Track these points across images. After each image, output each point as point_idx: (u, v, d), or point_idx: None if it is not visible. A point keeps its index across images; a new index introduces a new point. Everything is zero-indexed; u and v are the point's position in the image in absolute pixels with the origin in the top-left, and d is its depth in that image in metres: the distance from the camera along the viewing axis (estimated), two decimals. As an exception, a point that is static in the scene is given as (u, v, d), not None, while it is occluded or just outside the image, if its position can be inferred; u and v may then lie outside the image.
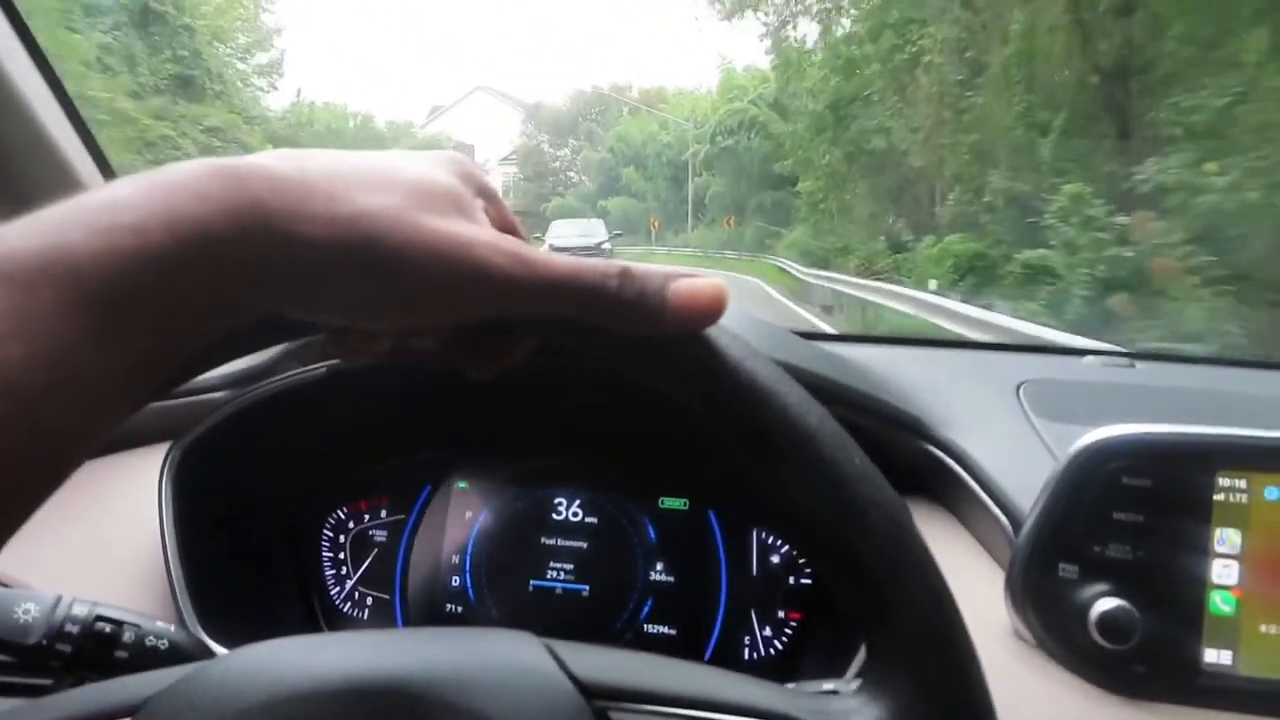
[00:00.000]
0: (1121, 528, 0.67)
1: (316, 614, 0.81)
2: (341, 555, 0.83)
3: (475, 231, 0.35)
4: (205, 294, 0.30)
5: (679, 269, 0.37)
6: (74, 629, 0.53)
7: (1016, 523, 0.72)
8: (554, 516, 0.83)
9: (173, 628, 0.56)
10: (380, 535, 0.83)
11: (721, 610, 0.80)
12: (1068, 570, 0.68)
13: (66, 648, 0.52)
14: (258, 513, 0.78)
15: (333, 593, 0.82)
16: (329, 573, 0.83)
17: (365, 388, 0.76)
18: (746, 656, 0.80)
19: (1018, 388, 0.91)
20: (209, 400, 0.75)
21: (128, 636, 0.53)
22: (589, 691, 0.34)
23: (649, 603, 0.81)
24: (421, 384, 0.78)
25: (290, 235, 0.31)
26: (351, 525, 0.84)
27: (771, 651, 0.80)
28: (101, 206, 0.29)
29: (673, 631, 0.81)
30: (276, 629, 0.75)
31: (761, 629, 0.80)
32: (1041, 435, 0.81)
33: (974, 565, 0.76)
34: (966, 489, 0.76)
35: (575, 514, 0.83)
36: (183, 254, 0.29)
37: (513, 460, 0.84)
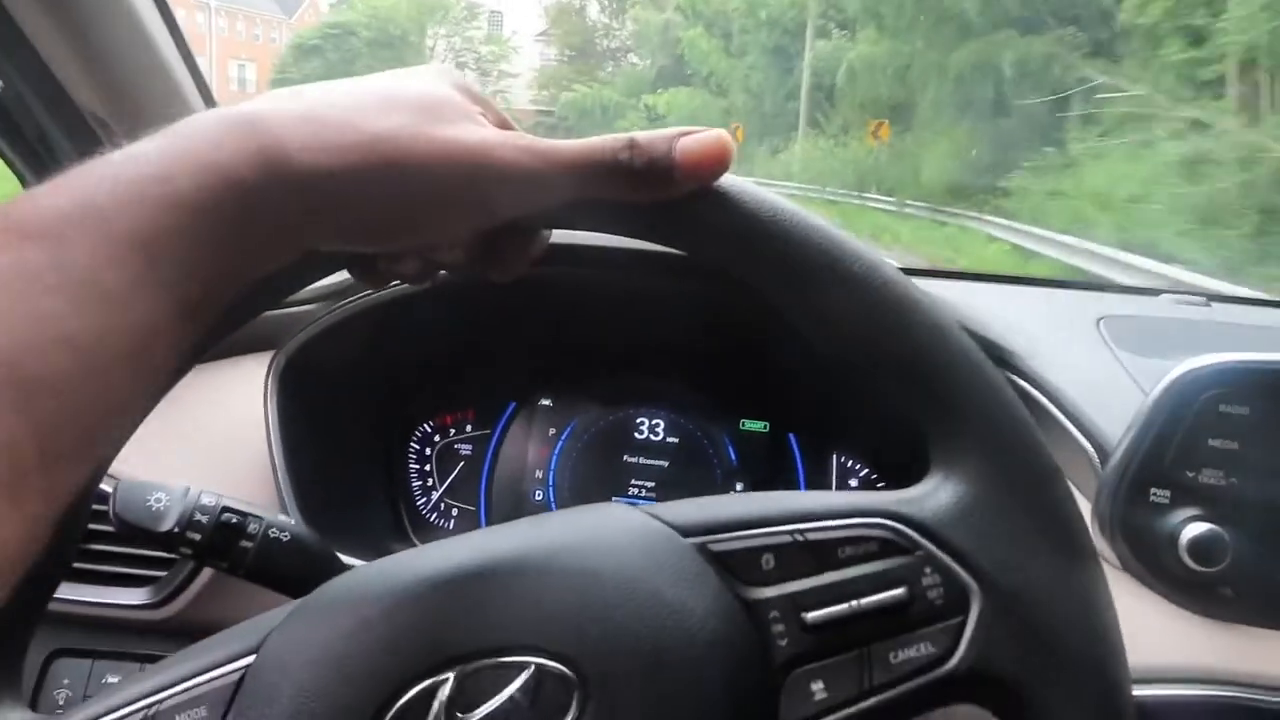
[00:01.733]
0: (1216, 454, 0.67)
1: (404, 523, 0.81)
2: (428, 467, 0.83)
3: (485, 134, 0.35)
4: (236, 236, 0.30)
5: (683, 129, 0.37)
6: (203, 518, 0.53)
7: (1102, 451, 0.72)
8: (636, 435, 0.83)
9: (294, 521, 0.56)
10: (465, 449, 0.84)
11: None
12: (1159, 495, 0.69)
13: (196, 536, 0.53)
14: (352, 422, 0.79)
15: (419, 503, 0.83)
16: (416, 483, 0.83)
17: (457, 302, 0.76)
18: None
19: (1097, 322, 0.90)
20: (310, 311, 0.74)
21: (252, 528, 0.54)
22: (686, 531, 0.36)
23: None
24: (511, 301, 0.78)
25: (312, 169, 0.31)
26: (438, 438, 0.84)
27: None
28: (125, 159, 0.29)
29: None
30: (368, 536, 0.77)
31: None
32: (1126, 367, 0.80)
33: None
34: (1050, 418, 0.75)
35: (657, 433, 0.83)
36: (208, 198, 0.29)
37: (596, 379, 0.84)
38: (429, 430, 0.84)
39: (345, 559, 0.68)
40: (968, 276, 1.17)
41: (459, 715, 0.31)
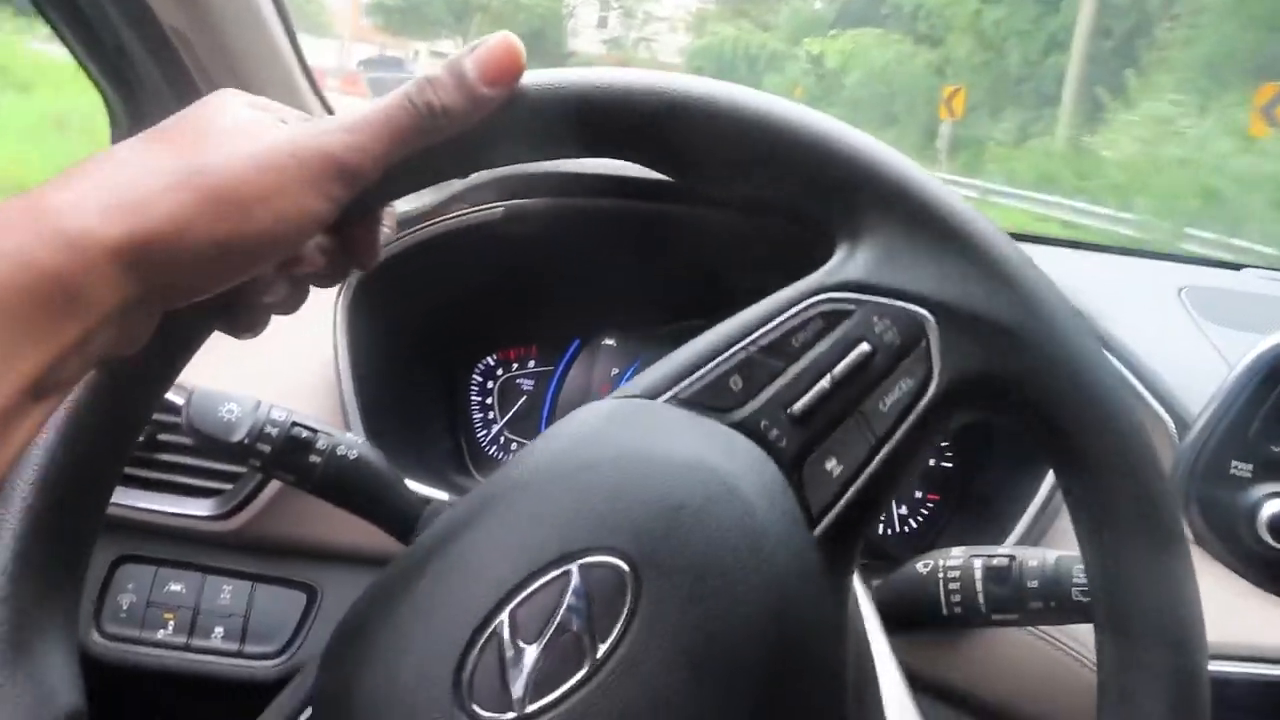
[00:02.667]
0: None
1: (464, 454, 0.81)
2: (490, 400, 0.83)
3: (279, 135, 0.34)
4: (53, 321, 0.29)
5: (467, 47, 0.36)
6: (273, 431, 0.54)
7: (1180, 422, 0.69)
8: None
9: (361, 440, 0.56)
10: (528, 384, 0.83)
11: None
12: (1241, 469, 0.66)
13: (266, 448, 0.53)
14: (418, 350, 0.78)
15: (479, 435, 0.82)
16: (477, 416, 0.83)
17: (526, 235, 0.75)
18: (881, 531, 0.79)
19: (1179, 291, 0.87)
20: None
21: (321, 444, 0.54)
22: (653, 393, 0.38)
23: None
24: (581, 238, 0.76)
25: (120, 236, 0.30)
26: (501, 372, 0.83)
27: (906, 530, 0.79)
28: None
29: None
30: (428, 465, 0.76)
31: (898, 506, 0.79)
32: (1210, 337, 0.77)
33: None
34: (1129, 385, 0.73)
35: None
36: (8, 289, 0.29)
37: (663, 321, 0.82)
38: (492, 364, 0.84)
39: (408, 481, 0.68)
40: (1044, 241, 1.13)
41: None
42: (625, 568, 0.32)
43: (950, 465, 0.80)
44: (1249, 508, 0.65)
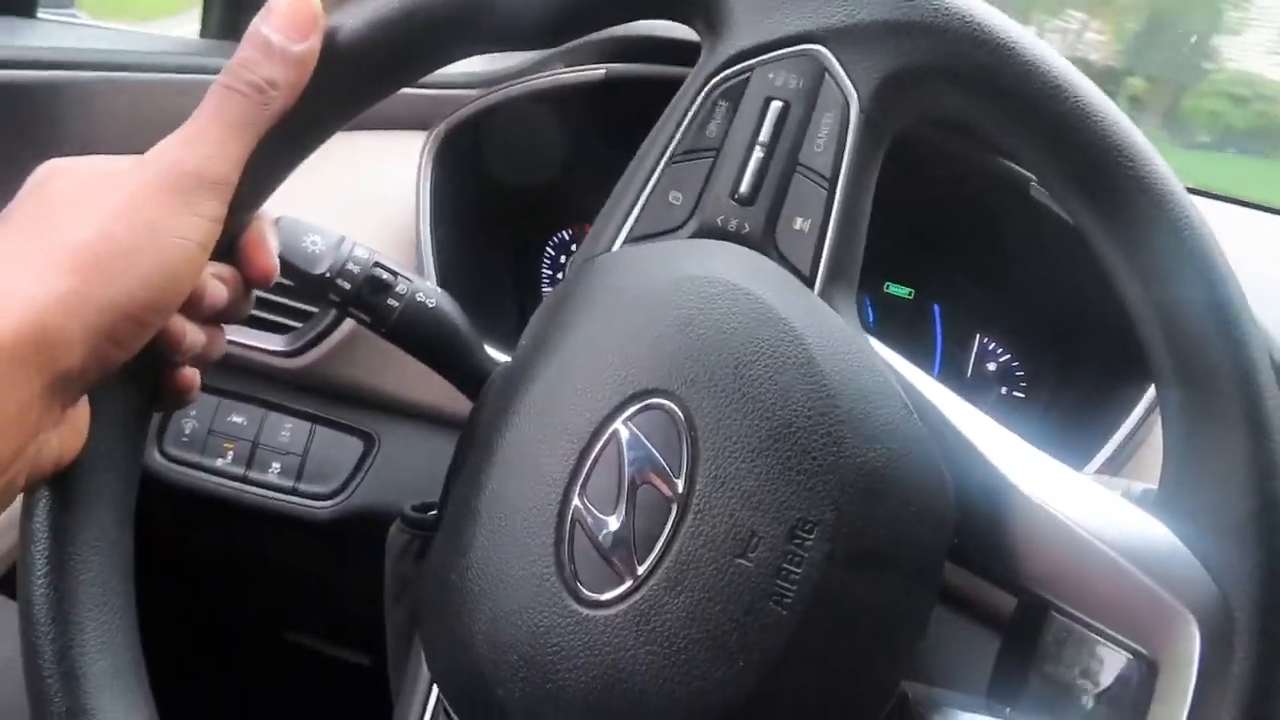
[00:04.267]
0: None
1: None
2: (560, 275, 0.81)
3: (138, 180, 0.32)
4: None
5: (255, 20, 0.35)
6: (355, 269, 0.52)
7: None
8: None
9: (440, 289, 0.54)
10: None
11: None
12: None
13: (346, 285, 0.52)
14: (496, 213, 0.77)
15: (546, 307, 0.81)
16: (546, 289, 0.81)
17: (612, 108, 0.71)
18: None
19: None
20: (468, 95, 0.71)
21: (401, 288, 0.52)
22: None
23: None
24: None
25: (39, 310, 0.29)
26: (575, 247, 0.81)
27: None
28: None
29: None
30: (493, 330, 0.75)
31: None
32: None
33: None
34: None
35: None
36: None
37: None
38: (567, 238, 0.81)
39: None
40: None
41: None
42: (667, 402, 0.32)
43: (1022, 395, 0.77)
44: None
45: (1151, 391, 0.61)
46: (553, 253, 0.81)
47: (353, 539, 0.70)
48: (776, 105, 0.37)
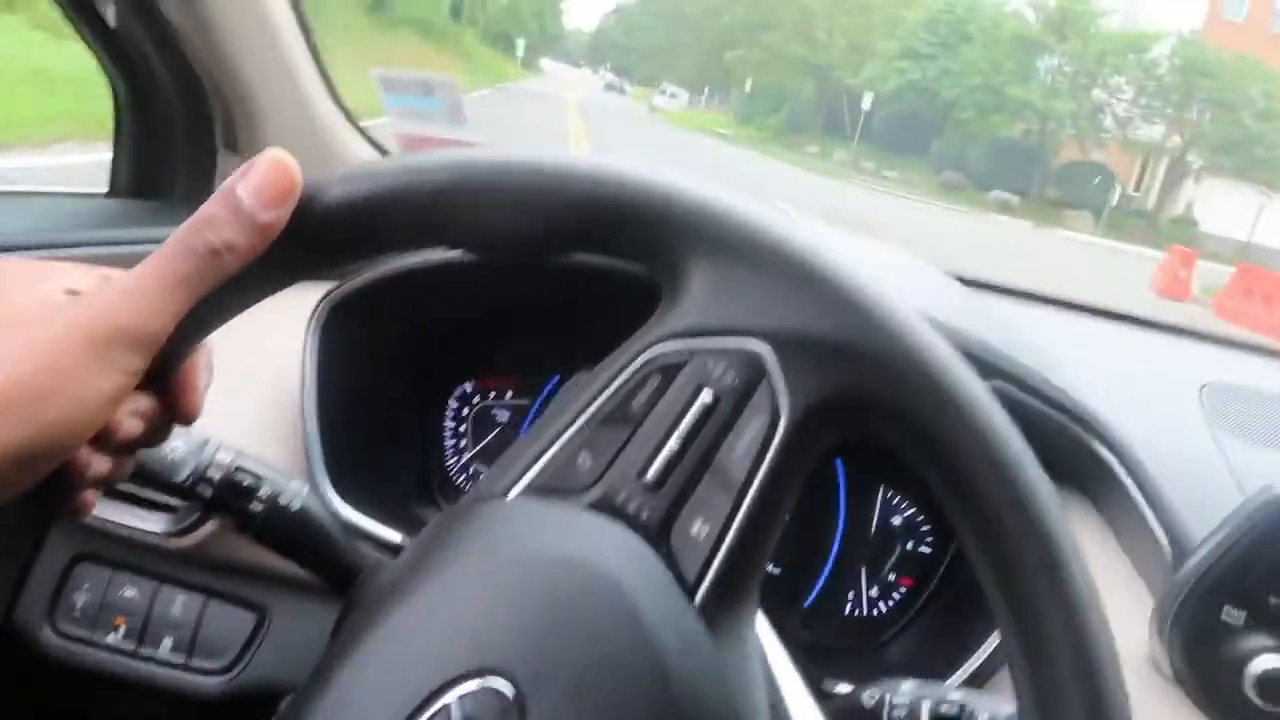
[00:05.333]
0: None
1: (431, 482, 0.78)
2: (463, 428, 0.80)
3: (66, 325, 0.32)
4: None
5: (235, 176, 0.34)
6: (216, 474, 0.53)
7: (1178, 546, 0.64)
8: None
9: (305, 489, 0.55)
10: (503, 415, 0.79)
11: (831, 559, 0.76)
12: (1232, 615, 0.61)
13: (207, 491, 0.53)
14: (392, 374, 0.75)
15: (449, 463, 0.79)
16: (449, 442, 0.80)
17: (513, 268, 0.70)
18: (847, 612, 0.75)
19: (1200, 389, 0.81)
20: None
21: (264, 491, 0.53)
22: (503, 490, 0.36)
23: None
24: (564, 272, 0.71)
25: None
26: (476, 400, 0.80)
27: (874, 613, 0.76)
28: None
29: (777, 570, 0.77)
30: (393, 489, 0.73)
31: (869, 588, 0.75)
32: (1225, 453, 0.71)
33: (1118, 578, 0.68)
34: (1128, 498, 0.67)
35: None
36: None
37: None
38: (469, 391, 0.80)
39: (363, 519, 0.65)
40: (1070, 306, 1.06)
41: None
42: (505, 686, 0.31)
43: (929, 550, 0.75)
44: (1237, 659, 0.60)
45: None
46: (456, 405, 0.80)
47: (246, 715, 0.68)
48: (706, 397, 0.35)
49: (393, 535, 0.66)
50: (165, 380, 0.37)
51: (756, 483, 0.35)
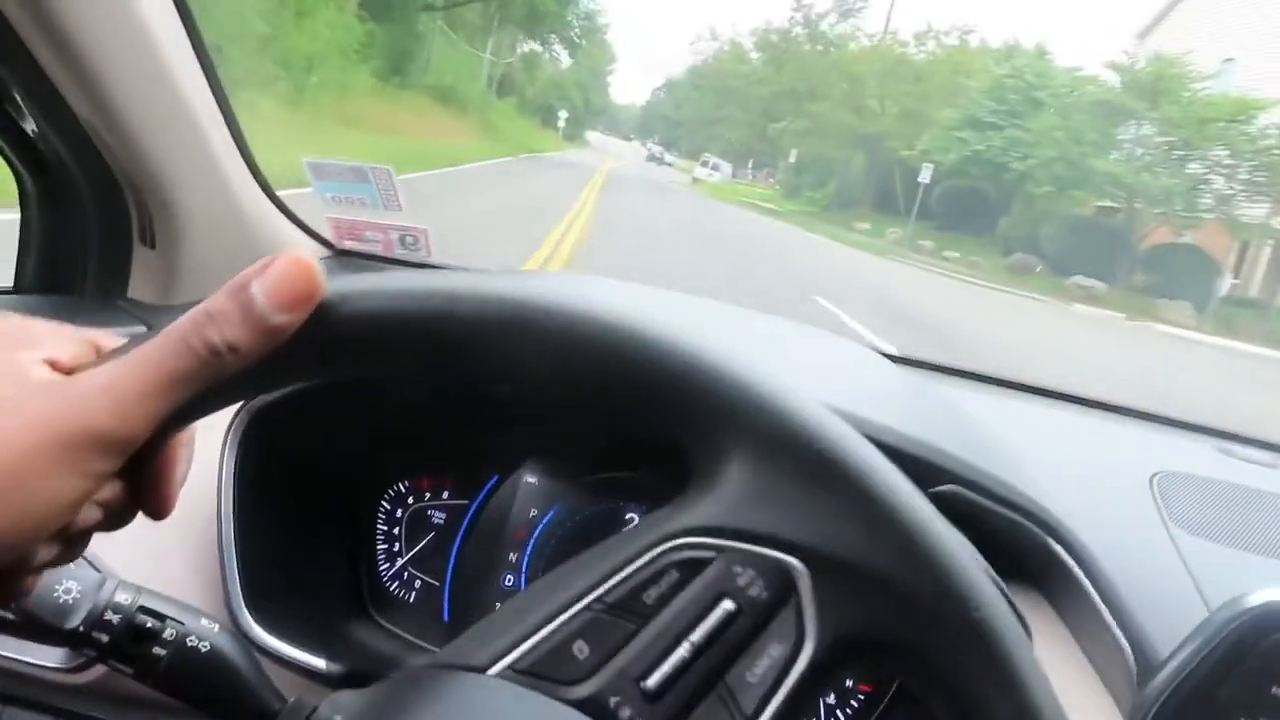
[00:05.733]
0: (1277, 705, 0.56)
1: (362, 589, 0.78)
2: (396, 531, 0.80)
3: (43, 403, 0.31)
4: None
5: (250, 271, 0.34)
6: (115, 618, 0.50)
7: (1143, 660, 0.62)
8: (622, 530, 0.76)
9: (216, 628, 0.53)
10: (439, 517, 0.79)
11: None
12: None
13: (104, 637, 0.50)
14: (319, 480, 0.75)
15: (382, 568, 0.79)
16: (381, 548, 0.79)
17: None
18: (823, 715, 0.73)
19: (1152, 480, 0.81)
20: None
21: (169, 634, 0.51)
22: (484, 665, 0.34)
23: None
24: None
25: None
26: (411, 501, 0.80)
27: None
28: None
29: None
30: (321, 609, 0.73)
31: (824, 694, 0.73)
32: (1181, 553, 0.71)
33: (1086, 693, 0.66)
34: (1089, 602, 0.66)
35: None
36: None
37: (587, 465, 0.77)
38: (403, 491, 0.80)
39: (286, 647, 0.65)
40: (1016, 387, 1.08)
41: None
42: None
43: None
44: (1208, 786, 0.57)
45: None
46: (388, 506, 0.80)
47: None
48: (728, 605, 0.33)
49: (318, 662, 0.65)
50: (136, 471, 0.36)
51: (768, 714, 0.32)
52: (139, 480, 0.36)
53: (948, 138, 27.88)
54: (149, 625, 0.50)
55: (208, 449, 0.69)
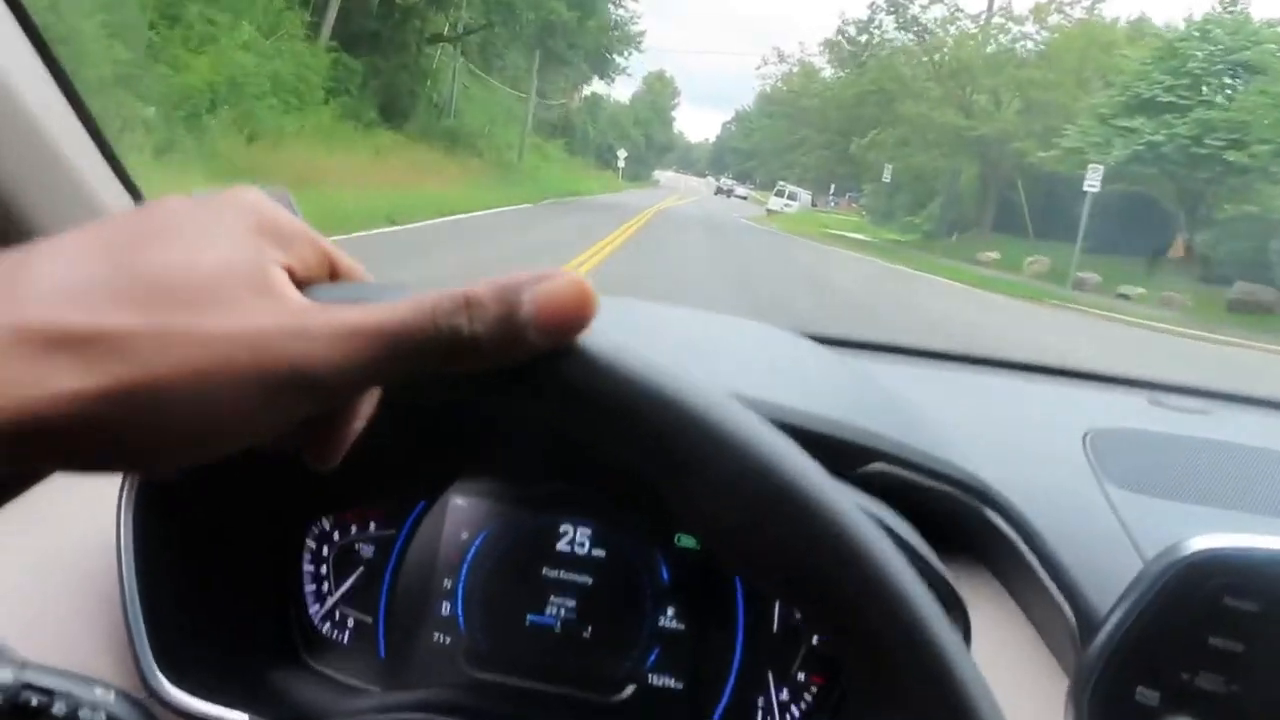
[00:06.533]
0: (1217, 655, 0.56)
1: (292, 634, 0.82)
2: (324, 570, 0.83)
3: (269, 325, 0.31)
4: None
5: (531, 275, 0.34)
6: None
7: (1084, 620, 0.62)
8: (558, 547, 0.79)
9: (112, 696, 0.54)
10: (367, 551, 0.83)
11: (735, 667, 0.75)
12: (1146, 695, 0.58)
13: None
14: (235, 524, 0.78)
15: (312, 610, 0.83)
16: (309, 588, 0.83)
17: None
18: None
19: (1084, 438, 0.84)
20: None
21: (58, 708, 0.52)
22: None
23: (655, 651, 0.77)
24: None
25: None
26: (337, 537, 0.83)
27: (788, 718, 0.74)
28: None
29: (679, 685, 0.76)
30: (249, 655, 0.77)
31: (778, 692, 0.75)
32: (1116, 508, 0.72)
33: (1031, 660, 0.67)
34: (1028, 568, 0.67)
35: (581, 545, 0.79)
36: None
37: (517, 481, 0.81)
38: (328, 528, 0.83)
39: (206, 706, 0.67)
40: (943, 357, 1.11)
41: None
42: None
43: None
44: (1157, 747, 0.57)
45: None
46: (314, 545, 0.83)
47: None
48: None
49: (241, 718, 0.68)
50: (311, 432, 0.39)
51: None
52: (313, 425, 0.39)
53: (1102, 131, 22.11)
54: (35, 703, 0.50)
55: (106, 498, 0.71)
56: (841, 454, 0.69)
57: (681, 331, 0.94)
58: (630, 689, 0.76)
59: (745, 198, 65.53)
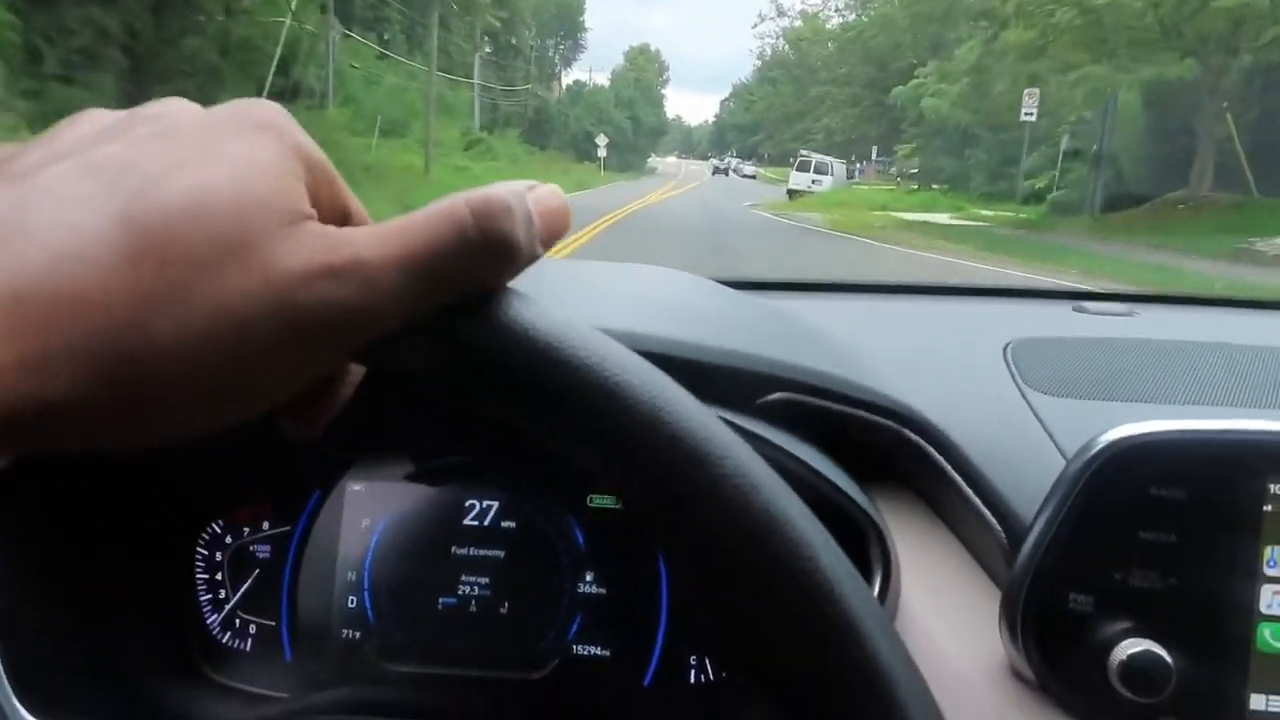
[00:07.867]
0: (1149, 550, 0.56)
1: (192, 650, 0.75)
2: (219, 576, 0.76)
3: (297, 269, 0.28)
4: None
5: (525, 182, 0.32)
6: None
7: (1013, 532, 0.62)
8: (465, 522, 0.75)
9: None
10: (263, 551, 0.76)
11: (662, 628, 0.73)
12: (1080, 601, 0.58)
13: None
14: (111, 536, 0.71)
15: (209, 620, 0.76)
16: (204, 598, 0.76)
17: None
18: (693, 680, 0.73)
19: (1005, 349, 0.83)
20: None
21: None
22: None
23: (577, 620, 0.73)
24: None
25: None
26: (229, 540, 0.77)
27: (723, 675, 0.73)
28: None
29: (606, 652, 0.73)
30: (139, 676, 0.70)
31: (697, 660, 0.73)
32: (1038, 414, 0.72)
33: (964, 580, 0.66)
34: (952, 486, 0.66)
35: (490, 518, 0.75)
36: None
37: (415, 457, 0.76)
38: (219, 530, 0.76)
39: None
40: (856, 289, 1.12)
41: None
42: None
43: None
44: (1097, 649, 0.57)
45: None
46: (206, 552, 0.76)
47: None
48: None
49: None
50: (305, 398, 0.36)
51: None
52: (311, 396, 0.36)
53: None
54: None
55: None
56: (739, 385, 0.67)
57: (575, 278, 0.90)
58: (554, 662, 0.73)
59: (753, 176, 58.81)
